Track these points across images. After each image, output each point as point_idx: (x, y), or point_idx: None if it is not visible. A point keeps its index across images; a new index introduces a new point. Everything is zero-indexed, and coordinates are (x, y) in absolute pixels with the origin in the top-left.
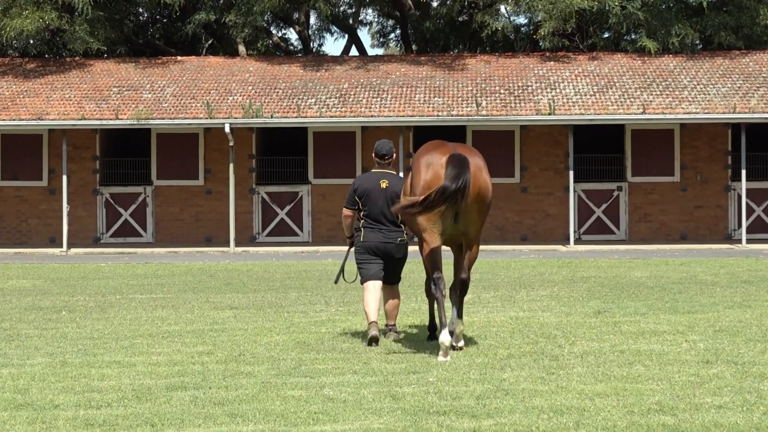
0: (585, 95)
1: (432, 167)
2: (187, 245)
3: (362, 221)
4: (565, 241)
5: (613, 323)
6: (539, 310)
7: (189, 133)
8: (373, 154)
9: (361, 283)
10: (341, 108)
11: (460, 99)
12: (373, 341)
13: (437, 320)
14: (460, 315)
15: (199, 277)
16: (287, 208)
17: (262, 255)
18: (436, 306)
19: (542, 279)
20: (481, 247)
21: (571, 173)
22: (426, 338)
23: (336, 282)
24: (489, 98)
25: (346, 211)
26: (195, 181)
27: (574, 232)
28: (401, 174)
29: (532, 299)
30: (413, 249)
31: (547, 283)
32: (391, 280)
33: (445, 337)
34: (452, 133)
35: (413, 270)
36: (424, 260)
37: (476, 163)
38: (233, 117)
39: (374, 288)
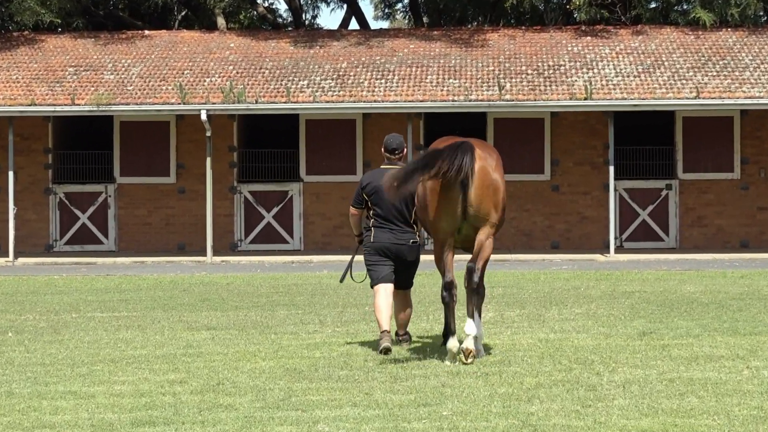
0: (628, 76)
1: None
2: (156, 254)
3: (372, 220)
4: (604, 249)
5: (660, 347)
6: (573, 331)
7: (158, 122)
8: (383, 149)
9: (371, 287)
10: (339, 92)
11: (479, 81)
12: (386, 352)
13: (446, 327)
14: (473, 313)
15: (171, 292)
16: (275, 210)
17: (244, 266)
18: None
19: (577, 294)
20: (505, 257)
21: (612, 169)
22: (440, 344)
23: (342, 281)
24: (514, 80)
25: (353, 210)
26: (165, 178)
27: (615, 238)
28: None
29: (564, 318)
30: (428, 258)
31: (582, 299)
32: (403, 284)
33: (452, 344)
34: (470, 122)
35: (424, 284)
36: (435, 260)
37: (485, 156)
38: (211, 102)
39: (385, 291)
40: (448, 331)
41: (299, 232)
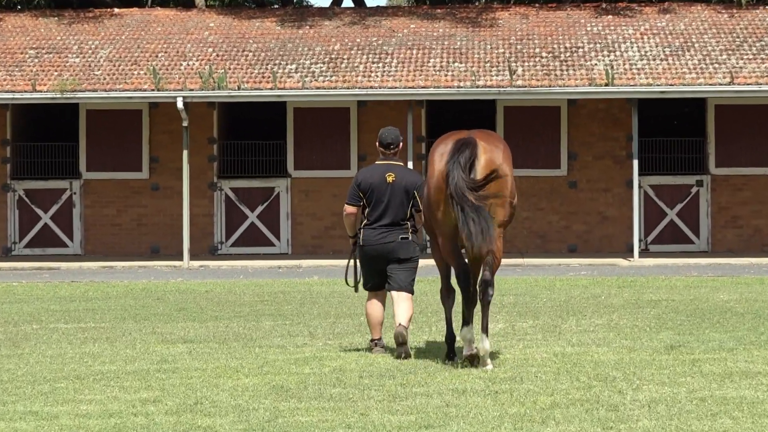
0: (654, 60)
1: (445, 155)
2: (126, 258)
3: (364, 220)
4: (628, 252)
5: (690, 361)
6: (593, 345)
7: (129, 110)
8: (377, 143)
9: (364, 288)
10: (331, 77)
11: (488, 65)
12: (378, 351)
13: (462, 316)
14: (485, 327)
15: (143, 301)
16: (259, 209)
17: (226, 271)
18: (464, 304)
19: (597, 303)
20: (517, 261)
21: (636, 163)
22: (445, 356)
23: (357, 291)
24: (526, 64)
25: (348, 208)
26: (137, 173)
27: (640, 240)
28: (410, 164)
29: (583, 330)
30: (428, 263)
31: (603, 309)
32: (399, 286)
33: (465, 333)
34: (477, 111)
35: (425, 291)
36: (446, 256)
37: (490, 148)
38: (188, 89)
39: (375, 297)
40: (464, 321)
41: (287, 234)
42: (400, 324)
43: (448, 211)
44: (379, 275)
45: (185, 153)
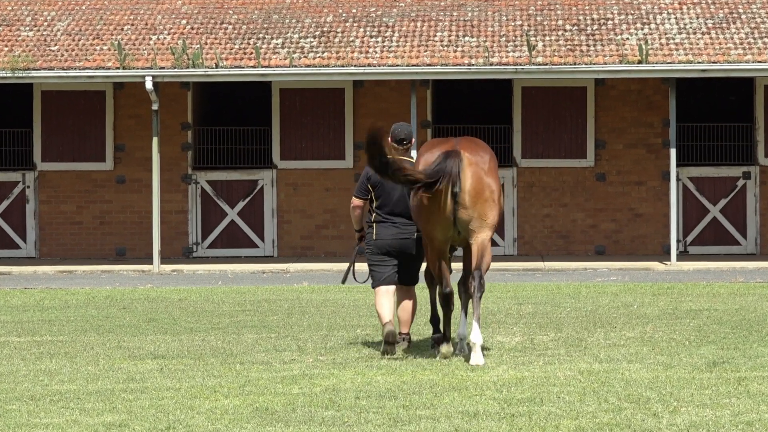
0: (694, 33)
1: (430, 165)
2: (87, 261)
3: (374, 215)
4: (664, 255)
5: (736, 380)
6: (624, 361)
7: (91, 92)
8: (390, 138)
9: (373, 287)
10: (322, 53)
11: (503, 39)
12: (390, 335)
13: (443, 334)
14: (477, 319)
15: (107, 310)
16: (240, 205)
17: (202, 276)
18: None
19: (628, 313)
20: (536, 265)
21: (673, 152)
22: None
23: (344, 282)
24: (548, 38)
25: (355, 201)
26: (100, 164)
27: (678, 241)
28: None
29: (612, 344)
30: None
31: (635, 320)
32: (408, 280)
33: (447, 349)
34: (491, 92)
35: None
36: (432, 268)
37: (475, 160)
38: (158, 66)
39: (387, 293)
40: (444, 338)
41: (272, 234)
42: (401, 333)
43: (436, 221)
44: (389, 269)
45: (155, 141)
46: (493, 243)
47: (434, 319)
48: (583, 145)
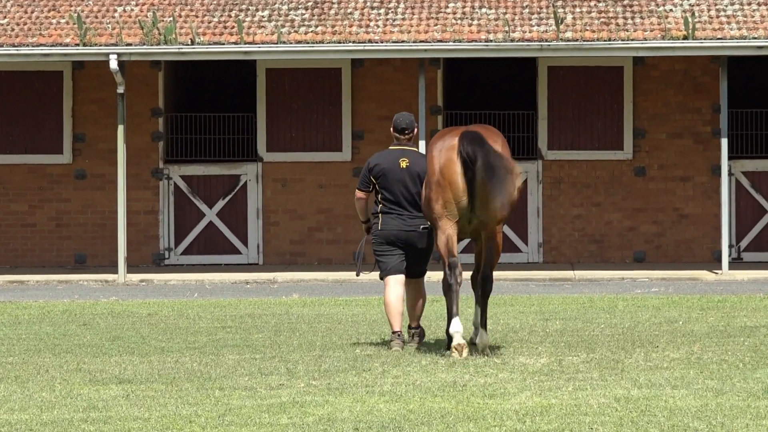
0: (749, 4)
1: (444, 151)
2: (42, 270)
3: (380, 206)
4: (714, 262)
5: None
6: (667, 386)
7: (45, 72)
8: (392, 129)
9: (381, 278)
10: (316, 27)
11: (526, 11)
12: (396, 344)
13: (448, 311)
14: (483, 322)
15: (64, 327)
16: (220, 204)
17: (175, 287)
18: (452, 298)
19: (672, 330)
20: (565, 274)
21: (724, 143)
22: (446, 349)
23: (358, 275)
24: (578, 9)
25: (358, 193)
26: (56, 156)
27: (730, 246)
28: (423, 144)
29: (654, 366)
30: None
31: (681, 338)
32: (415, 272)
33: (456, 327)
34: (512, 73)
35: (433, 310)
36: (438, 249)
37: (491, 142)
38: (124, 43)
39: (396, 283)
40: (450, 315)
41: (257, 238)
42: (410, 327)
43: (449, 204)
44: (395, 259)
45: (121, 129)
46: (515, 248)
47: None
48: (619, 134)
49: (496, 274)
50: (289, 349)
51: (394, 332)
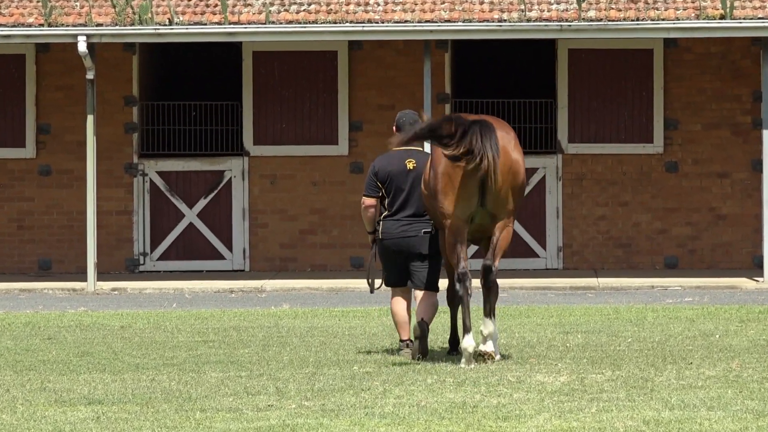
0: None
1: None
2: (1, 277)
3: (385, 212)
4: (755, 269)
5: None
6: (702, 407)
7: (6, 56)
8: (394, 128)
9: (386, 285)
10: (308, 5)
11: None
12: (411, 356)
13: (462, 324)
14: (491, 313)
15: (27, 341)
16: (202, 203)
17: (151, 297)
18: (460, 309)
19: (708, 345)
20: (588, 282)
21: (766, 135)
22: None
23: (372, 291)
24: None
25: (366, 200)
26: (18, 150)
27: None
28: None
29: (687, 385)
30: None
31: (718, 354)
32: (424, 284)
33: (468, 343)
34: (528, 56)
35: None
36: (447, 252)
37: (503, 136)
38: (94, 23)
39: (401, 293)
40: (464, 329)
41: (242, 241)
42: (422, 319)
43: (458, 198)
44: (400, 271)
45: (90, 120)
46: (532, 253)
47: (454, 341)
48: (648, 125)
49: (509, 282)
50: (279, 365)
51: (402, 341)
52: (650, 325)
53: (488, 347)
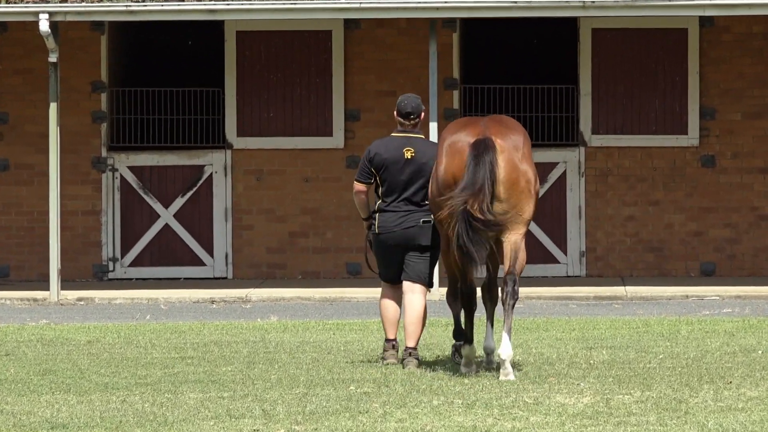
0: None
1: (457, 154)
2: None
3: (379, 202)
4: None
5: None
6: None
7: None
8: (395, 112)
9: (380, 277)
10: None
11: None
12: (390, 356)
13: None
14: (508, 328)
15: None
16: (179, 202)
17: (122, 308)
18: (463, 315)
19: (749, 362)
20: (614, 290)
21: None
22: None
23: (373, 270)
24: None
25: (357, 186)
26: None
27: None
28: (434, 129)
29: (726, 407)
30: None
31: (761, 372)
32: (418, 277)
33: (470, 350)
34: (547, 37)
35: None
36: (451, 264)
37: (507, 145)
38: (57, 0)
39: (392, 290)
40: (466, 340)
41: (224, 245)
42: (407, 348)
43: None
44: (396, 266)
45: (53, 108)
46: (552, 258)
47: (458, 332)
48: (682, 114)
49: (526, 291)
50: (266, 385)
51: (387, 340)
52: (684, 339)
53: (509, 376)
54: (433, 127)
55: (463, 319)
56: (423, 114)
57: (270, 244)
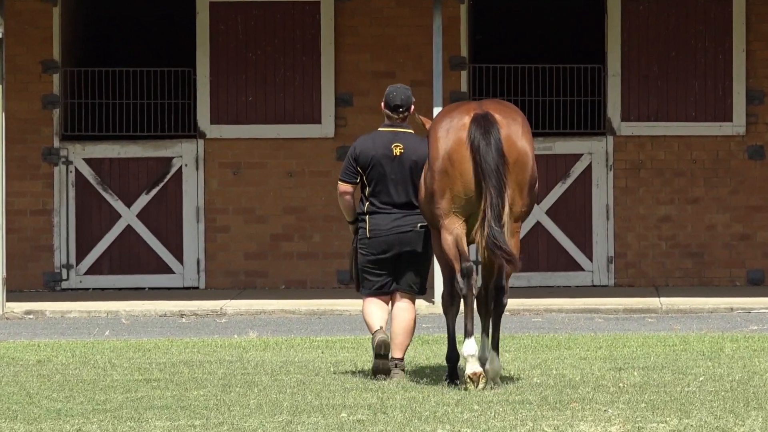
0: None
1: (452, 131)
2: None
3: (367, 204)
4: None
5: None
6: None
7: None
8: (383, 104)
9: (362, 293)
10: None
11: None
12: (382, 346)
13: (464, 328)
14: (495, 344)
15: None
16: (143, 200)
17: (77, 322)
18: (463, 310)
19: None
20: (646, 301)
21: None
22: (445, 379)
23: (359, 290)
24: None
25: (342, 186)
26: None
27: None
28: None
29: None
30: None
31: None
32: (409, 286)
33: (470, 349)
34: (569, 9)
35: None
36: (445, 253)
37: (509, 123)
38: None
39: (377, 303)
40: (466, 333)
41: (196, 250)
42: (393, 359)
43: (458, 199)
44: (386, 274)
45: None
46: (575, 265)
47: (452, 357)
48: (726, 98)
49: (545, 303)
50: (244, 412)
51: (374, 331)
52: (728, 358)
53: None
54: (437, 112)
55: (462, 313)
56: (413, 107)
57: (248, 249)
